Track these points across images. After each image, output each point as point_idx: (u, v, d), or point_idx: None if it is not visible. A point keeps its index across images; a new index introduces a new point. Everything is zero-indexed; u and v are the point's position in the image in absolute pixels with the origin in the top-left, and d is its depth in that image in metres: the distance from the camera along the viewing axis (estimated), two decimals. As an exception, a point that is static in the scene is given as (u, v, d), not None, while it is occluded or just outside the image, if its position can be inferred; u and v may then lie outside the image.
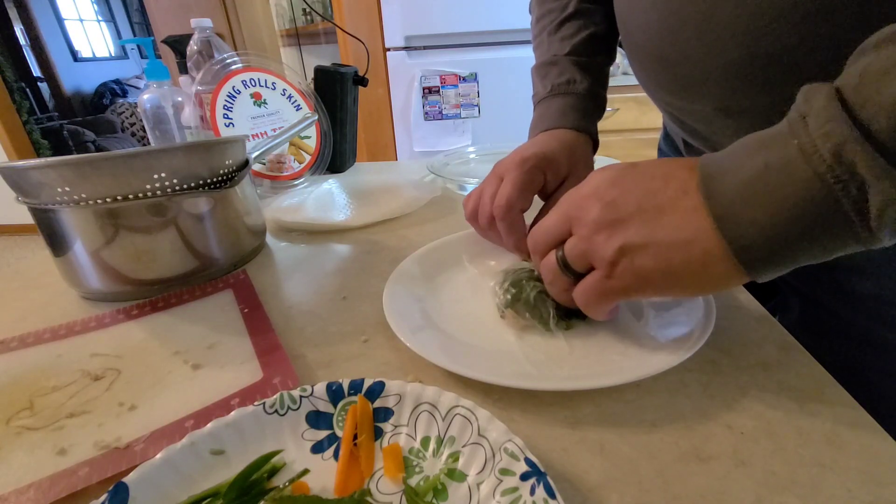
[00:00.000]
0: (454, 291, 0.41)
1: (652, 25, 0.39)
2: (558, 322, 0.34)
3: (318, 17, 2.21)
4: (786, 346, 0.32)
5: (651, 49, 0.41)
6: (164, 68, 0.77)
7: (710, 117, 0.40)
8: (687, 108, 0.42)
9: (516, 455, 0.22)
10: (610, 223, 0.27)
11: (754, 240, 0.23)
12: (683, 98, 0.41)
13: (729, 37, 0.33)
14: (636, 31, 0.42)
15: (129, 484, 0.21)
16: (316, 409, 0.26)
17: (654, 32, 0.39)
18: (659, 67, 0.41)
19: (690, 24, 0.35)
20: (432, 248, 0.45)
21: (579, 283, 0.30)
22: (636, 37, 0.43)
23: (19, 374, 0.34)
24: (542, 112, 0.50)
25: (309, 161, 0.77)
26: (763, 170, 0.23)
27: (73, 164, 0.38)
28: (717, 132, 0.41)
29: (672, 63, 0.39)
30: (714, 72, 0.36)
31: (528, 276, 0.36)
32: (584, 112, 0.49)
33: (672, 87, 0.42)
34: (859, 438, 0.25)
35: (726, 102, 0.37)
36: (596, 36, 0.52)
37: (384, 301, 0.36)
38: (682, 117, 0.45)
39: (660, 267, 0.26)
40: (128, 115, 4.25)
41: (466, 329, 0.36)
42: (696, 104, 0.40)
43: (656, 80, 0.44)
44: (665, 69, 0.40)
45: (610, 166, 0.30)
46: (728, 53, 0.34)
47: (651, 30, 0.39)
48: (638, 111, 1.82)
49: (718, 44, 0.34)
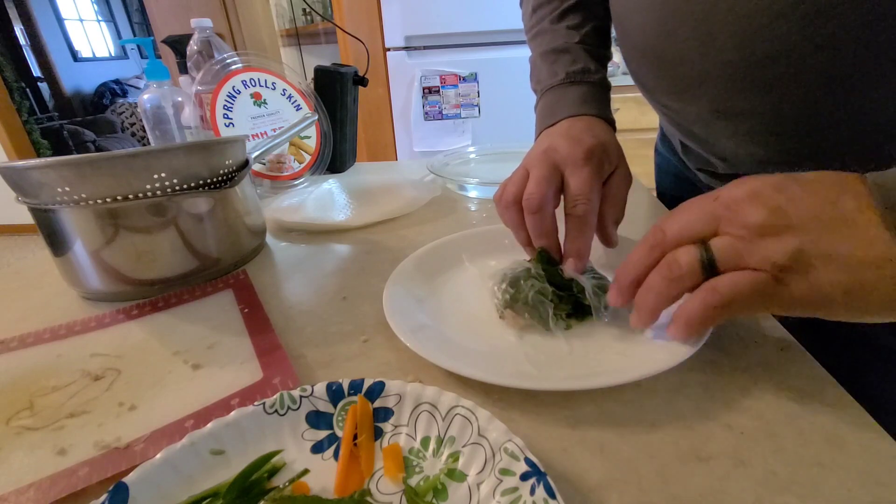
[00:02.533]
0: (454, 291, 0.41)
1: (649, 26, 0.39)
2: (557, 321, 0.34)
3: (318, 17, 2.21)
4: (786, 346, 0.32)
5: (648, 50, 0.40)
6: (164, 68, 0.77)
7: (707, 119, 0.40)
8: (684, 110, 0.42)
9: (516, 455, 0.22)
10: (779, 228, 0.25)
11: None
12: (680, 100, 0.41)
13: (727, 37, 0.33)
14: (633, 31, 0.42)
15: (129, 484, 0.21)
16: (316, 409, 0.26)
17: (651, 33, 0.39)
18: (656, 69, 0.41)
19: (688, 25, 0.35)
20: (432, 248, 0.45)
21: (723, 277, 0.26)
22: (633, 37, 0.42)
23: (19, 374, 0.34)
24: (557, 99, 0.47)
25: (309, 161, 0.77)
26: None
27: (73, 164, 0.38)
28: (713, 134, 0.41)
29: (669, 64, 0.39)
30: (711, 73, 0.36)
31: (526, 276, 0.36)
32: (603, 101, 0.46)
33: (669, 88, 0.41)
34: (859, 438, 0.25)
35: (723, 104, 0.37)
36: (600, 29, 0.51)
37: (384, 301, 0.36)
38: (679, 119, 0.45)
39: (847, 283, 0.23)
40: (128, 115, 4.25)
41: (466, 329, 0.36)
42: (693, 106, 0.40)
43: (653, 82, 0.44)
44: (662, 70, 0.40)
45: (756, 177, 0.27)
46: (726, 54, 0.34)
47: (648, 30, 0.39)
48: (638, 111, 1.82)
49: (716, 44, 0.34)
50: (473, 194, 0.68)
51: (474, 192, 0.68)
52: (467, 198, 0.67)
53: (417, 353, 0.31)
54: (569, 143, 0.39)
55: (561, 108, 0.45)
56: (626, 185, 0.40)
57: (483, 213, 0.61)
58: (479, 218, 0.60)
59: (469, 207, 0.63)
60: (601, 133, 0.41)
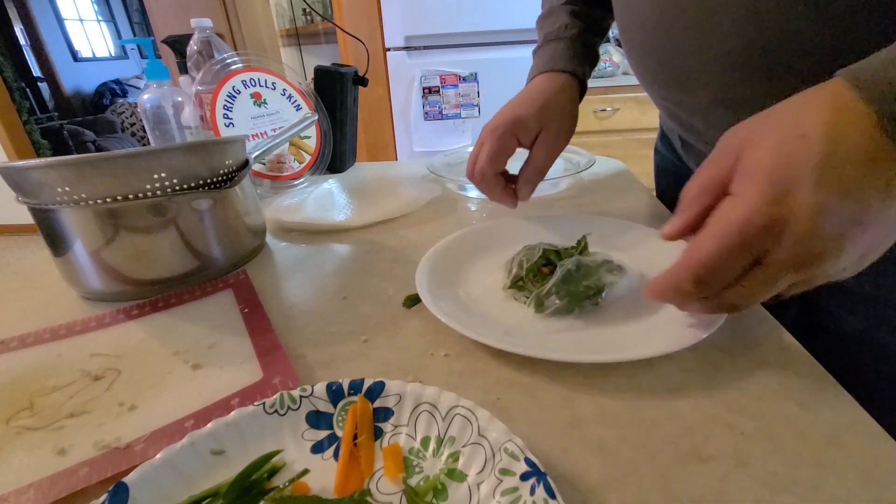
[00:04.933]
0: (484, 271, 0.44)
1: (647, 17, 0.39)
2: (550, 299, 0.36)
3: (318, 17, 2.21)
4: (786, 346, 0.32)
5: (647, 42, 0.40)
6: (164, 68, 0.77)
7: (708, 110, 0.40)
8: (683, 102, 0.42)
9: (516, 455, 0.22)
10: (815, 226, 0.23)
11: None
12: (680, 91, 0.41)
13: (727, 25, 0.33)
14: (632, 23, 0.42)
15: (129, 484, 0.21)
16: (316, 409, 0.26)
17: (650, 24, 0.39)
18: (655, 60, 0.41)
19: (687, 14, 0.35)
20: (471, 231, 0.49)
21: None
22: (632, 29, 0.43)
23: (19, 374, 0.34)
24: (535, 61, 0.53)
25: (309, 161, 0.77)
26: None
27: (73, 164, 0.38)
28: (713, 126, 0.41)
29: (669, 54, 0.39)
30: (711, 62, 0.35)
31: (529, 256, 0.39)
32: (572, 55, 0.51)
33: (668, 80, 0.41)
34: (859, 438, 0.25)
35: (724, 94, 0.37)
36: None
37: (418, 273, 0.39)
38: (679, 112, 0.45)
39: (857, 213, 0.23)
40: (128, 115, 4.24)
41: (487, 303, 0.39)
42: (693, 97, 0.40)
43: (653, 74, 0.44)
44: (662, 61, 0.40)
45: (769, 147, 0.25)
46: (727, 42, 0.33)
47: (646, 21, 0.39)
48: (638, 111, 1.82)
49: (716, 32, 0.34)
50: (473, 194, 0.68)
51: (474, 192, 0.68)
52: (467, 198, 0.67)
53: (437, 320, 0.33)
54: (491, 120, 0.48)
55: (533, 69, 0.53)
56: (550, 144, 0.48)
57: (483, 212, 0.61)
58: (479, 218, 0.59)
59: (469, 207, 0.63)
60: (527, 104, 0.48)
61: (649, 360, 0.31)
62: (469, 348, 0.34)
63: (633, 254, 0.43)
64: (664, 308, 0.35)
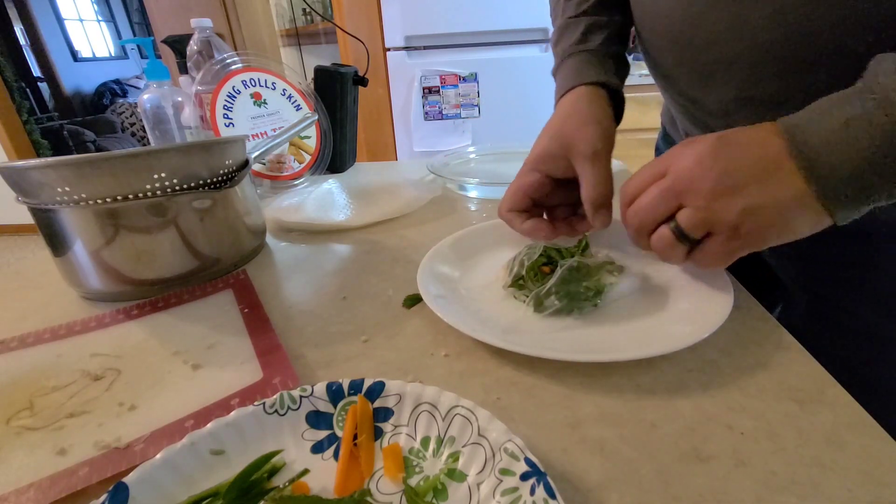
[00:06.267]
0: (486, 270, 0.43)
1: (675, 11, 0.38)
2: (549, 300, 0.36)
3: (318, 17, 2.21)
4: (786, 346, 0.32)
5: (673, 34, 0.39)
6: (164, 68, 0.77)
7: (728, 108, 0.39)
8: (704, 99, 0.41)
9: (516, 455, 0.22)
10: (726, 191, 0.29)
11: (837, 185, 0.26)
12: (702, 87, 0.40)
13: (763, 16, 0.32)
14: (657, 17, 0.41)
15: (129, 484, 0.21)
16: (316, 409, 0.26)
17: (677, 14, 0.38)
18: (679, 55, 0.40)
19: (718, 7, 0.34)
20: (469, 231, 0.48)
21: (701, 249, 0.32)
22: (657, 24, 0.41)
23: (19, 374, 0.34)
24: (559, 81, 0.48)
25: (309, 161, 0.77)
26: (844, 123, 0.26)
27: (73, 164, 0.38)
28: (734, 125, 0.41)
29: (696, 49, 0.38)
30: (742, 55, 0.35)
31: (529, 254, 0.39)
32: (599, 66, 0.46)
33: (692, 75, 0.41)
34: (859, 438, 0.25)
35: (750, 90, 0.36)
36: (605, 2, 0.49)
37: (420, 272, 0.39)
38: (695, 111, 0.44)
39: (777, 223, 0.29)
40: (128, 115, 4.24)
41: (487, 301, 0.39)
42: (716, 93, 0.39)
43: (675, 70, 0.43)
44: (686, 56, 0.39)
45: (693, 141, 0.32)
46: (761, 34, 0.33)
47: (674, 15, 0.38)
48: (638, 111, 1.81)
49: (750, 24, 0.33)
50: (473, 194, 0.68)
51: (474, 192, 0.68)
52: (467, 198, 0.67)
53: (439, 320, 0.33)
54: (532, 150, 0.45)
55: (559, 90, 0.48)
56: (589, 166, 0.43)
57: (483, 212, 0.61)
58: (479, 218, 0.59)
59: (469, 207, 0.63)
60: (556, 122, 0.44)
61: (649, 360, 0.31)
62: (469, 348, 0.34)
63: (634, 253, 0.43)
64: (664, 308, 0.36)
